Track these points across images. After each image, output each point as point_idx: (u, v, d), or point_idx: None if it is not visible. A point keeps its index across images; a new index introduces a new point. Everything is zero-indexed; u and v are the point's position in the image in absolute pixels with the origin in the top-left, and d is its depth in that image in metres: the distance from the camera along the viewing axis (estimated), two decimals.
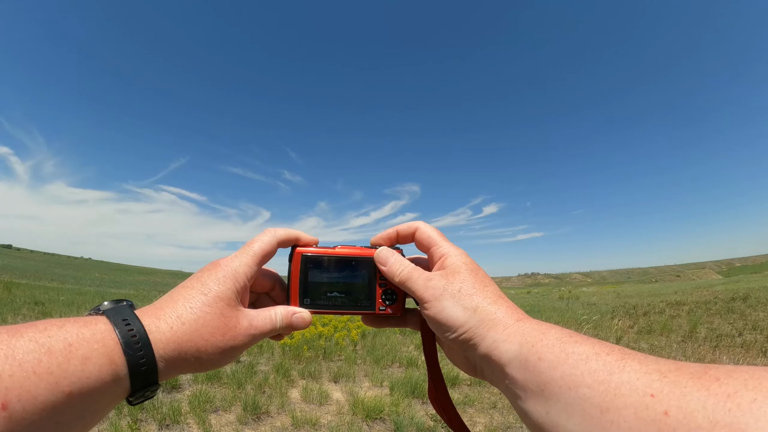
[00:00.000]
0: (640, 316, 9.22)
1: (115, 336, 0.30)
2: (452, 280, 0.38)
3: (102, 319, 0.31)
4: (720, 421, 0.19)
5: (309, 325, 0.42)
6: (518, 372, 0.31)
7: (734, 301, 10.14)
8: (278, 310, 0.40)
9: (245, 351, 0.38)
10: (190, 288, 0.36)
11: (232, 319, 0.36)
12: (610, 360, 0.26)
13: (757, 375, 0.21)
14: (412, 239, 0.44)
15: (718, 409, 0.20)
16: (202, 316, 0.34)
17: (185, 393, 3.80)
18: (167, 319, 0.33)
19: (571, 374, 0.27)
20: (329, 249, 0.45)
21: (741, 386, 0.20)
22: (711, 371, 0.22)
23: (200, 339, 0.34)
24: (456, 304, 0.36)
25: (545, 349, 0.30)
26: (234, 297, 0.37)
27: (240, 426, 3.19)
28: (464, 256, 0.40)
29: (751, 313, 8.13)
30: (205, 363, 0.35)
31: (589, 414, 0.25)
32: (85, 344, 0.28)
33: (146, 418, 3.17)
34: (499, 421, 3.46)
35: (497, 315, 0.35)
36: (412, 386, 4.10)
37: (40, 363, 0.26)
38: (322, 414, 3.54)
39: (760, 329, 6.63)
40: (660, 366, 0.24)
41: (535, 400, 0.29)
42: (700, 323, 7.50)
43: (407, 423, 3.25)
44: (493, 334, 0.34)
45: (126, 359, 0.30)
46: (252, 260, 0.39)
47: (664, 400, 0.22)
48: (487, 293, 0.37)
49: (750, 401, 0.19)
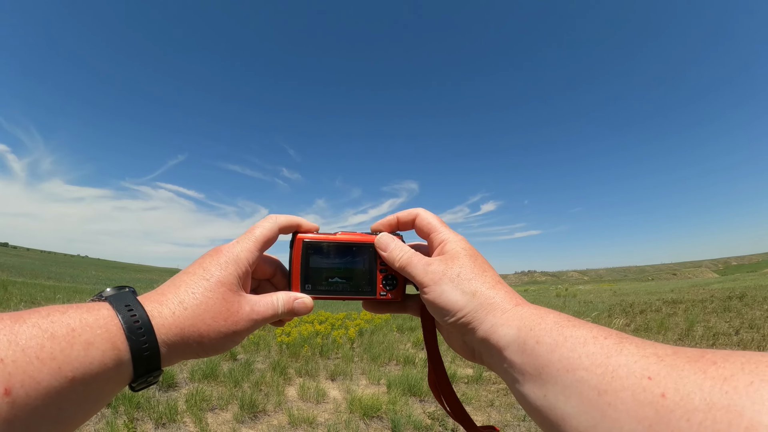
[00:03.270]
0: (636, 314, 9.25)
1: (118, 321, 0.30)
2: (451, 265, 0.38)
3: (105, 305, 0.31)
4: (717, 404, 0.19)
5: (310, 311, 0.42)
6: (516, 355, 0.31)
7: (731, 299, 10.19)
8: (280, 296, 0.40)
9: (246, 336, 0.38)
10: (193, 273, 0.36)
11: (234, 304, 0.36)
12: (607, 344, 0.27)
13: (754, 359, 0.21)
14: (412, 226, 0.45)
15: (715, 391, 0.20)
16: (204, 301, 0.34)
17: (182, 391, 3.78)
18: (170, 304, 0.33)
19: (568, 357, 0.27)
20: (330, 235, 0.45)
21: (738, 370, 0.20)
22: (708, 355, 0.23)
23: (203, 324, 0.34)
24: (455, 288, 0.37)
25: (543, 333, 0.30)
26: (236, 282, 0.37)
27: (237, 424, 3.18)
28: (464, 242, 0.41)
29: (747, 312, 8.18)
30: (207, 348, 0.35)
31: (587, 396, 0.25)
32: (88, 329, 0.28)
33: (142, 417, 3.15)
34: (496, 419, 3.47)
35: (496, 299, 0.35)
36: (409, 384, 4.10)
37: (43, 348, 0.26)
38: (319, 412, 3.54)
39: (756, 327, 6.66)
40: (657, 350, 0.25)
41: (532, 383, 0.29)
42: (697, 321, 7.54)
43: (404, 421, 3.25)
44: (491, 318, 0.34)
45: (129, 344, 0.30)
46: (254, 246, 0.39)
47: (661, 382, 0.22)
48: (486, 278, 0.37)
49: (747, 384, 0.19)
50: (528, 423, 3.32)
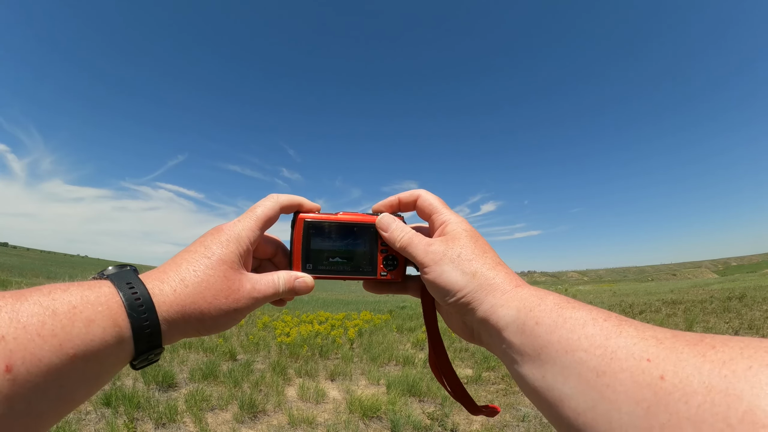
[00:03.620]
0: (636, 314, 9.26)
1: (119, 299, 0.30)
2: (452, 246, 0.38)
3: (106, 283, 0.31)
4: (715, 387, 0.19)
5: (311, 290, 0.42)
6: (515, 336, 0.31)
7: (730, 300, 10.19)
8: (281, 275, 0.40)
9: (247, 314, 0.38)
10: (194, 252, 0.36)
11: (236, 282, 0.36)
12: (607, 326, 0.27)
13: (753, 345, 0.21)
14: (413, 207, 0.45)
15: (714, 375, 0.20)
16: (205, 278, 0.34)
17: (181, 391, 3.78)
18: (171, 282, 0.33)
19: (568, 338, 0.27)
20: (331, 215, 0.45)
21: (737, 354, 0.20)
22: (707, 339, 0.22)
23: (204, 301, 0.34)
24: (455, 268, 0.37)
25: (543, 314, 0.30)
26: (237, 260, 0.37)
27: (236, 425, 3.18)
28: (465, 224, 0.41)
29: (747, 312, 8.18)
30: (208, 326, 0.35)
31: (585, 378, 0.25)
32: (89, 306, 0.28)
33: (142, 417, 3.15)
34: (496, 419, 3.47)
35: (496, 280, 0.35)
36: (408, 384, 4.10)
37: (45, 325, 0.26)
38: (319, 412, 3.54)
39: (756, 328, 6.67)
40: (656, 333, 0.25)
41: (531, 364, 0.29)
42: (697, 322, 7.54)
43: (404, 421, 3.25)
44: (491, 299, 0.34)
45: (130, 321, 0.30)
46: (255, 224, 0.39)
47: (660, 364, 0.22)
48: (486, 259, 0.37)
49: (745, 368, 0.19)
50: (527, 423, 3.33)
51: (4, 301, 0.26)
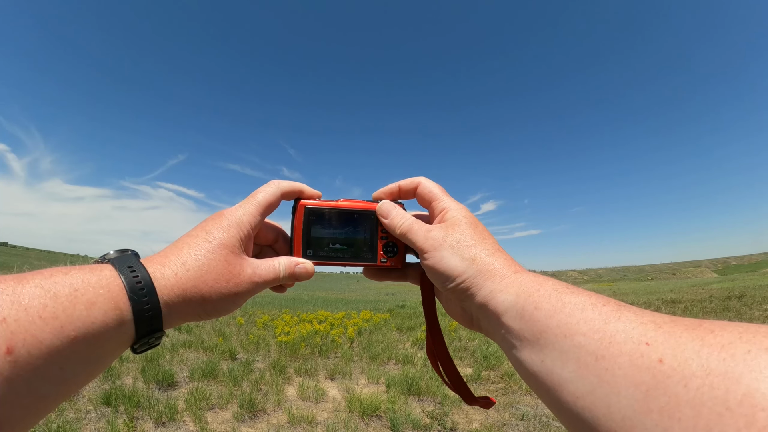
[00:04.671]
0: None
1: (120, 282, 0.30)
2: (452, 232, 0.38)
3: (107, 267, 0.31)
4: (714, 370, 0.19)
5: (312, 276, 0.42)
6: (514, 321, 0.31)
7: (730, 299, 10.20)
8: (281, 260, 0.41)
9: (248, 299, 0.38)
10: (195, 236, 0.36)
11: (236, 267, 0.36)
12: (605, 310, 0.27)
13: (752, 329, 0.21)
14: (413, 194, 0.45)
15: (713, 358, 0.20)
16: (206, 263, 0.35)
17: (181, 391, 3.79)
18: (172, 266, 0.33)
19: (566, 323, 0.27)
20: (332, 202, 0.45)
21: (735, 338, 0.20)
22: (705, 324, 0.22)
23: (204, 285, 0.34)
24: (455, 254, 0.37)
25: (542, 299, 0.30)
26: (238, 245, 0.37)
27: (236, 424, 3.18)
28: (464, 211, 0.41)
29: (746, 312, 8.19)
30: (209, 310, 0.35)
31: (584, 361, 0.25)
32: (90, 289, 0.28)
33: (142, 416, 3.16)
34: (495, 418, 3.48)
35: (495, 266, 0.36)
36: (408, 383, 4.10)
37: (46, 308, 0.26)
38: (319, 411, 3.54)
39: None
40: (655, 318, 0.25)
41: (530, 348, 0.29)
42: None
43: (403, 420, 3.26)
44: (490, 284, 0.35)
45: (131, 304, 0.30)
46: (256, 210, 0.39)
47: (658, 348, 0.22)
48: (485, 245, 0.38)
49: (744, 352, 0.19)
50: (526, 422, 3.33)
51: (5, 284, 0.26)
